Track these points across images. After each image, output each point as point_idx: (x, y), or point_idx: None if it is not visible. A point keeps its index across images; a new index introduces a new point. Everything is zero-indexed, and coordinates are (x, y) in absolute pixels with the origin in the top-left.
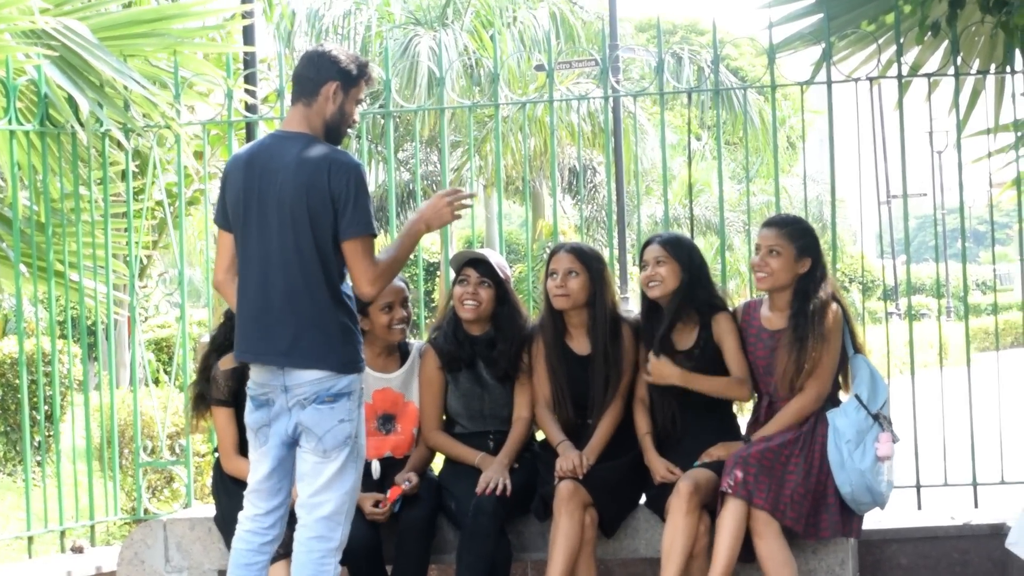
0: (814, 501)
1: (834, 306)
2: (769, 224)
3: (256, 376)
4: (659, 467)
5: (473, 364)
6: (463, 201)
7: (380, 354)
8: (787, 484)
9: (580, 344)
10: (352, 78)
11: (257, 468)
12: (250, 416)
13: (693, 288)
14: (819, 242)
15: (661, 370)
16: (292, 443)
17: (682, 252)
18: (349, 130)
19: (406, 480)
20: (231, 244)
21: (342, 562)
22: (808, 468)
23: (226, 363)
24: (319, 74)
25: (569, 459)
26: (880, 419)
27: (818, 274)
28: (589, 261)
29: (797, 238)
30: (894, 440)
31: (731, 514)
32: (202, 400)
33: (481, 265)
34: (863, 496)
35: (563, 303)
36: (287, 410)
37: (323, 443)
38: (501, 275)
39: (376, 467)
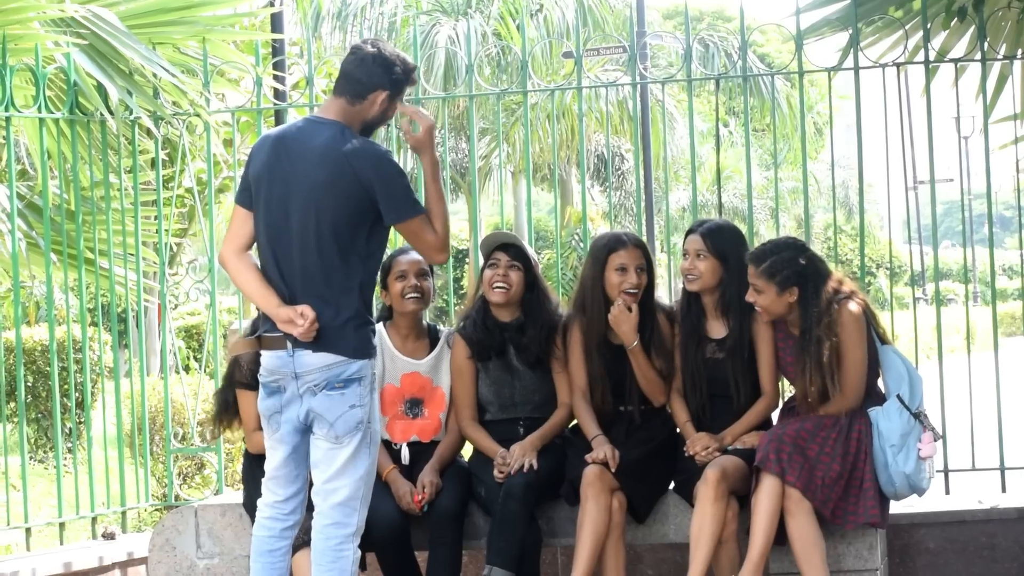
0: (846, 487)
1: (852, 307)
2: (749, 259)
3: (267, 363)
4: (698, 441)
5: (503, 352)
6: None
7: (408, 337)
8: (819, 467)
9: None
10: (400, 86)
11: (273, 455)
12: (262, 403)
13: (733, 281)
14: (803, 263)
15: (701, 442)
16: (306, 430)
17: (724, 244)
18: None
19: (423, 487)
20: (248, 224)
21: (370, 548)
22: (844, 455)
23: (236, 348)
24: (370, 79)
25: (602, 451)
26: (921, 417)
27: (812, 295)
28: (648, 254)
29: (774, 274)
30: (935, 439)
31: (766, 492)
32: (226, 410)
33: (511, 249)
34: (904, 491)
35: (634, 300)
36: (298, 397)
37: (335, 429)
38: (531, 259)
39: (405, 452)
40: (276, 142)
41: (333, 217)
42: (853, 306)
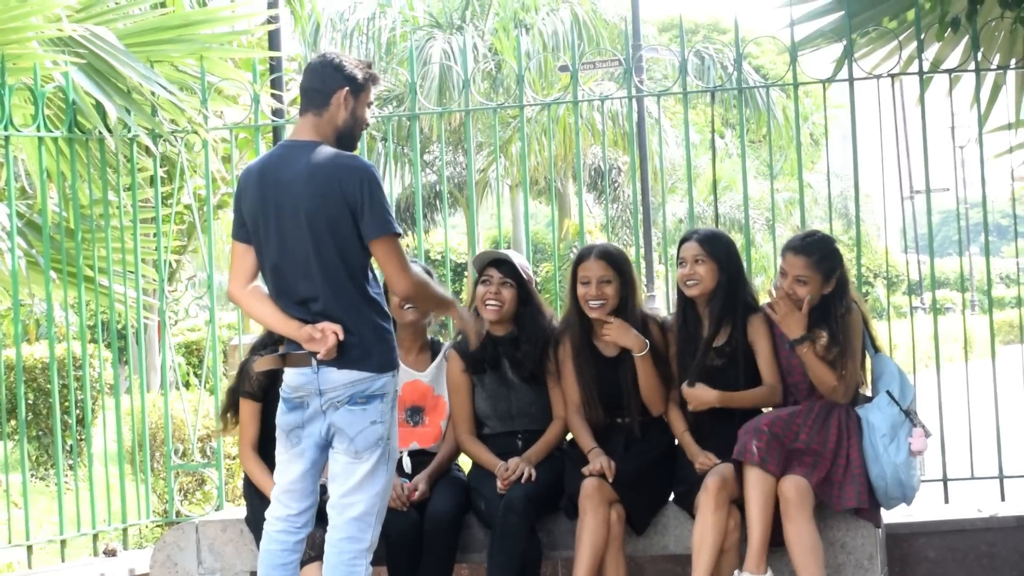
0: (830, 470)
1: (853, 310)
2: (797, 251)
3: (290, 380)
4: (698, 455)
5: (498, 365)
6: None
7: (411, 351)
8: (795, 454)
9: (609, 346)
10: (360, 82)
11: (289, 469)
12: (282, 417)
13: (730, 287)
14: (841, 256)
15: (700, 396)
16: (326, 445)
17: (720, 250)
18: (363, 133)
19: (415, 488)
20: (249, 257)
21: (384, 537)
22: (823, 441)
23: (262, 364)
24: (326, 83)
25: (598, 462)
26: (911, 415)
27: (840, 288)
28: (620, 265)
29: (823, 264)
30: (927, 435)
31: (753, 484)
32: (233, 405)
33: (504, 265)
34: (895, 491)
35: (599, 312)
36: (321, 413)
37: (355, 444)
38: (524, 275)
39: (407, 461)
40: (260, 175)
41: (331, 237)
42: (854, 311)
